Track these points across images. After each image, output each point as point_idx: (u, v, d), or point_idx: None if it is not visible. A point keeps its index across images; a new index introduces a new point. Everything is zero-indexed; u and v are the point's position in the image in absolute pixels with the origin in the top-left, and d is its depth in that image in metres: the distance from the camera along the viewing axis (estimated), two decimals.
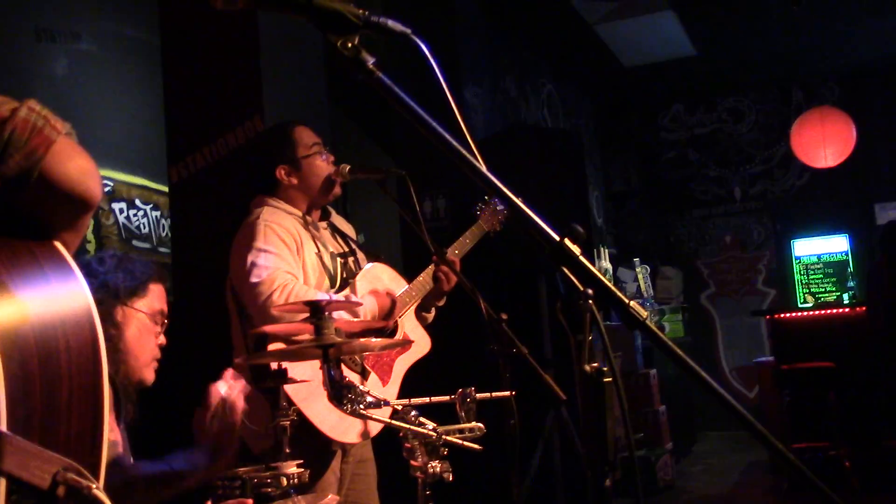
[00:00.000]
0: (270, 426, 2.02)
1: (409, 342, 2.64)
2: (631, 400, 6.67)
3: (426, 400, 2.08)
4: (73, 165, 1.02)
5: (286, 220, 2.79)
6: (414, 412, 1.98)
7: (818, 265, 8.88)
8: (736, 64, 8.97)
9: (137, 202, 5.66)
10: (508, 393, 2.32)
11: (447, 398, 2.10)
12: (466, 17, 6.23)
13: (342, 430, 2.64)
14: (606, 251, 8.27)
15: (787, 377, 6.10)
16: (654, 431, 6.72)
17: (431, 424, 1.97)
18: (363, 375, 2.80)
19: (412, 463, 1.97)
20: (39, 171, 0.98)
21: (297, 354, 2.06)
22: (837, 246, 8.87)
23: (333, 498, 2.21)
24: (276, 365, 2.07)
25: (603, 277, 1.16)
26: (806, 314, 6.75)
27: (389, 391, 2.86)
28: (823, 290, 8.69)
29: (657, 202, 10.12)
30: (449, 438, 1.97)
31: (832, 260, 8.85)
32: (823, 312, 6.71)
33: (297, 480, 1.96)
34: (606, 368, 1.13)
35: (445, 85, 1.22)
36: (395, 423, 1.95)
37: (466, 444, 2.01)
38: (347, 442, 2.70)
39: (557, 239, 1.15)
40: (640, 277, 8.31)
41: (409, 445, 1.96)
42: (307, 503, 1.93)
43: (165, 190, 4.65)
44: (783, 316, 6.83)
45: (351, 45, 1.13)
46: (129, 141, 5.61)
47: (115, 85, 5.59)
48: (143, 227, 5.68)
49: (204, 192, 4.00)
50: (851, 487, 5.67)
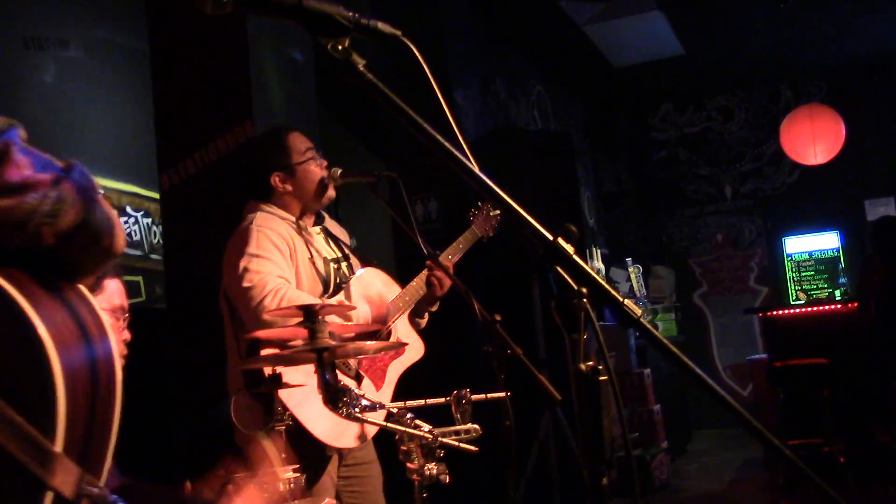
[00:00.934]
0: (264, 431, 2.01)
1: (403, 344, 2.63)
2: (626, 399, 6.68)
3: (422, 402, 2.08)
4: (106, 222, 1.16)
5: (279, 225, 2.79)
6: (409, 414, 1.98)
7: (810, 262, 8.92)
8: (724, 63, 9.00)
9: (128, 209, 5.65)
10: (504, 394, 2.32)
11: (442, 400, 2.10)
12: (455, 19, 6.24)
13: (336, 434, 2.63)
14: (598, 252, 8.28)
15: (780, 374, 6.11)
16: (649, 430, 6.73)
17: (427, 427, 1.97)
18: (357, 380, 2.80)
19: (408, 465, 1.97)
20: (86, 225, 1.12)
21: (291, 359, 2.05)
22: (828, 243, 8.91)
23: (330, 502, 2.21)
24: (270, 370, 2.07)
25: (597, 276, 1.16)
26: (798, 311, 6.77)
27: (383, 395, 2.86)
28: (815, 286, 8.72)
29: (648, 202, 10.15)
30: (445, 440, 1.97)
31: (824, 257, 8.88)
32: (816, 309, 6.73)
33: (293, 485, 1.96)
34: (601, 367, 1.13)
35: (436, 86, 1.22)
36: (390, 425, 1.95)
37: (462, 445, 2.01)
38: (341, 447, 2.69)
39: (551, 238, 1.15)
40: (632, 277, 8.33)
41: (405, 448, 1.96)
42: None
43: (156, 197, 4.64)
44: (776, 313, 6.85)
45: (341, 47, 1.13)
46: (119, 148, 5.60)
47: (104, 92, 5.57)
48: (134, 234, 5.66)
49: (196, 198, 3.99)
50: (846, 483, 5.69)
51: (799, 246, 9.02)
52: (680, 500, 6.28)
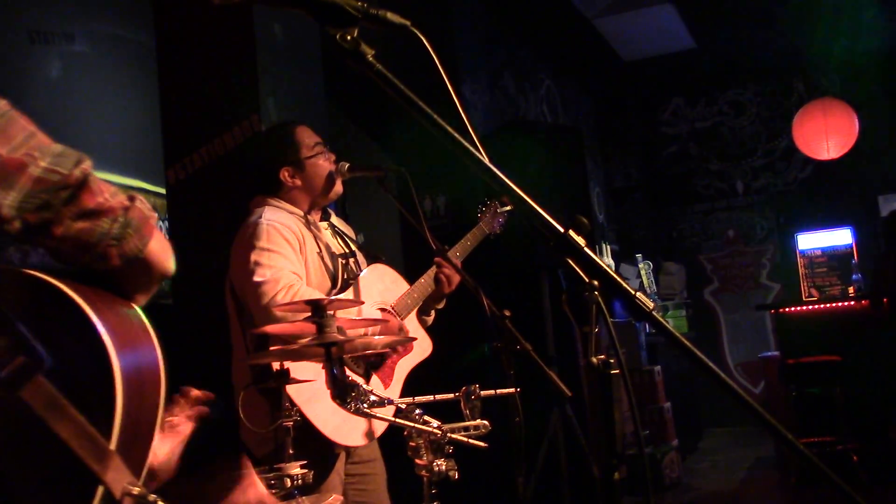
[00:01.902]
0: (272, 428, 2.02)
1: (412, 339, 2.63)
2: (636, 396, 6.65)
3: (430, 398, 2.08)
4: (162, 248, 1.29)
5: (288, 219, 2.79)
6: (418, 410, 1.98)
7: (822, 258, 8.87)
8: (736, 56, 8.96)
9: None
10: (513, 390, 2.32)
11: (451, 396, 2.10)
12: (464, 13, 6.23)
13: (345, 432, 2.63)
14: (608, 247, 8.27)
15: (792, 372, 6.09)
16: (659, 428, 6.72)
17: (436, 422, 1.97)
18: (366, 377, 2.80)
19: (417, 461, 1.97)
20: (146, 251, 1.25)
21: (299, 354, 2.05)
22: (841, 239, 8.85)
23: (337, 498, 2.21)
24: (278, 365, 2.07)
25: (608, 269, 1.15)
26: (811, 308, 6.75)
27: (392, 393, 2.85)
28: (828, 283, 8.68)
29: (659, 197, 10.12)
30: (454, 436, 1.97)
31: (836, 253, 8.84)
32: (828, 306, 6.70)
33: (300, 481, 1.96)
34: (613, 360, 1.13)
35: (446, 76, 1.22)
36: (399, 421, 1.95)
37: (471, 441, 2.01)
38: (350, 445, 2.69)
39: (562, 230, 1.15)
40: (642, 273, 8.31)
41: (413, 444, 1.96)
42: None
43: (162, 192, 4.64)
44: (788, 310, 6.83)
45: (350, 37, 1.13)
46: (124, 143, 5.61)
47: (110, 87, 5.58)
48: None
49: (202, 193, 3.99)
50: (859, 481, 5.67)
51: (811, 242, 8.96)
52: (691, 498, 6.27)
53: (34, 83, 5.12)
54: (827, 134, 8.02)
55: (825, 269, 8.81)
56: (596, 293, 1.12)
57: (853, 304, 6.59)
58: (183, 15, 4.13)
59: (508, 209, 3.24)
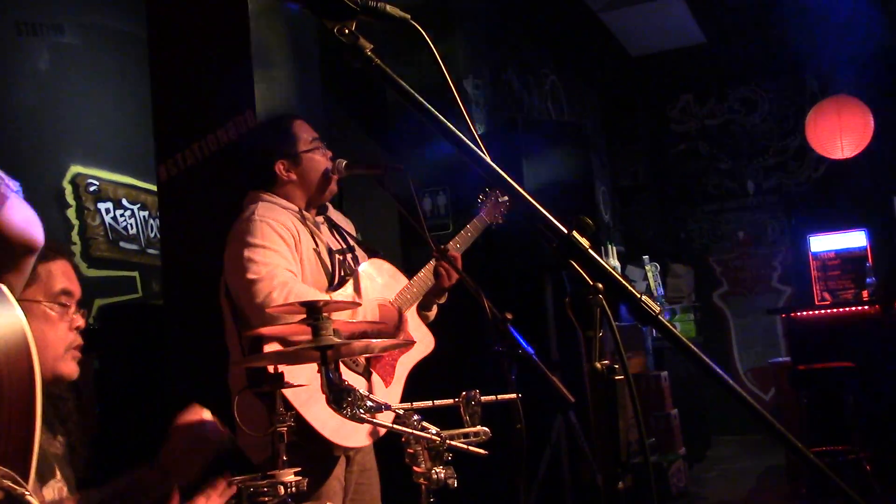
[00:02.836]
0: (269, 433, 2.02)
1: (410, 342, 2.64)
2: (642, 403, 6.65)
3: (429, 403, 2.08)
4: (20, 217, 1.23)
5: (282, 215, 2.79)
6: (417, 416, 1.98)
7: (836, 261, 8.87)
8: (748, 51, 8.96)
9: (124, 202, 5.66)
10: (514, 396, 2.32)
11: (451, 401, 2.10)
12: (465, 5, 6.23)
13: (345, 433, 2.63)
14: (614, 249, 8.26)
15: (804, 378, 6.09)
16: (666, 436, 6.72)
17: (435, 429, 1.97)
18: (366, 376, 2.80)
19: (415, 469, 1.97)
20: None
21: (294, 357, 2.06)
22: (855, 241, 8.85)
23: None
24: (272, 368, 2.07)
25: (613, 271, 1.16)
26: (823, 312, 6.75)
27: (392, 392, 2.86)
28: (841, 286, 8.67)
29: (667, 197, 10.12)
30: (453, 443, 1.97)
31: (850, 255, 8.84)
32: (842, 310, 6.70)
33: (294, 489, 1.97)
34: (618, 366, 1.13)
35: (447, 71, 1.23)
36: (397, 427, 1.95)
37: (471, 448, 2.01)
38: (351, 446, 2.70)
39: (566, 232, 1.15)
40: (649, 276, 8.31)
41: (411, 451, 1.96)
42: None
43: (154, 189, 4.65)
44: (800, 314, 6.83)
45: (348, 31, 1.13)
46: (115, 137, 5.61)
47: (100, 79, 5.58)
48: (130, 227, 5.68)
49: (194, 190, 3.99)
50: (872, 492, 5.67)
51: (824, 244, 8.96)
52: None
53: (21, 76, 5.12)
54: (841, 132, 8.02)
55: (838, 272, 8.80)
56: (600, 296, 1.12)
57: (867, 308, 6.59)
58: (176, 5, 4.13)
59: (508, 199, 3.24)
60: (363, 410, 1.87)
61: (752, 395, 9.42)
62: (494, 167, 1.15)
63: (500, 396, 2.21)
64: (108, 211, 5.53)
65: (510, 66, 7.29)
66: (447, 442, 1.95)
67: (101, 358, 4.35)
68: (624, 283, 1.15)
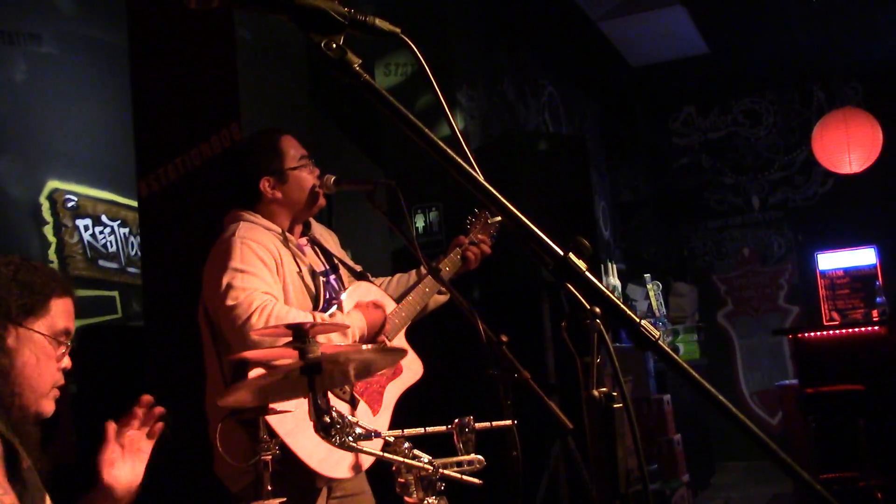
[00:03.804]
0: (251, 462, 2.01)
1: (401, 351, 2.63)
2: (643, 428, 6.65)
3: (421, 430, 2.08)
4: None
5: (264, 236, 2.79)
6: (408, 444, 1.98)
7: (844, 279, 8.89)
8: (752, 62, 9.00)
9: (104, 218, 5.66)
10: (510, 422, 2.32)
11: (444, 428, 2.10)
12: (460, 14, 6.26)
13: (331, 463, 2.63)
14: (614, 266, 8.27)
15: (812, 402, 6.09)
16: (668, 462, 6.71)
17: (427, 457, 1.96)
18: (352, 404, 2.80)
19: (406, 500, 1.97)
20: None
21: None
22: (865, 258, 8.87)
23: None
24: None
25: (611, 295, 1.16)
26: (832, 333, 6.75)
27: (380, 420, 2.86)
28: (851, 306, 8.69)
29: (669, 213, 10.14)
30: (446, 472, 1.97)
31: (859, 274, 8.86)
32: (851, 331, 6.71)
33: None
34: (616, 393, 1.13)
35: (437, 85, 1.23)
36: (387, 455, 1.95)
37: (465, 478, 2.00)
38: (337, 477, 2.69)
39: (561, 253, 1.16)
40: (651, 295, 8.31)
41: (402, 480, 1.96)
42: None
43: (134, 205, 4.65)
44: (807, 335, 6.84)
45: (336, 45, 1.14)
46: (94, 152, 5.61)
47: (79, 90, 5.59)
48: (109, 245, 5.67)
49: (176, 206, 4.00)
50: None
51: (833, 262, 8.98)
52: None
53: None
54: (849, 146, 8.05)
55: (847, 290, 8.82)
56: (597, 321, 1.13)
57: (877, 329, 6.60)
58: (158, 15, 4.14)
59: (500, 219, 3.24)
60: (352, 438, 1.87)
61: (758, 419, 9.41)
62: (487, 187, 1.16)
63: (494, 423, 2.21)
64: (86, 228, 5.52)
65: (506, 76, 7.31)
66: (440, 471, 1.95)
67: (78, 382, 4.32)
68: (622, 306, 1.15)
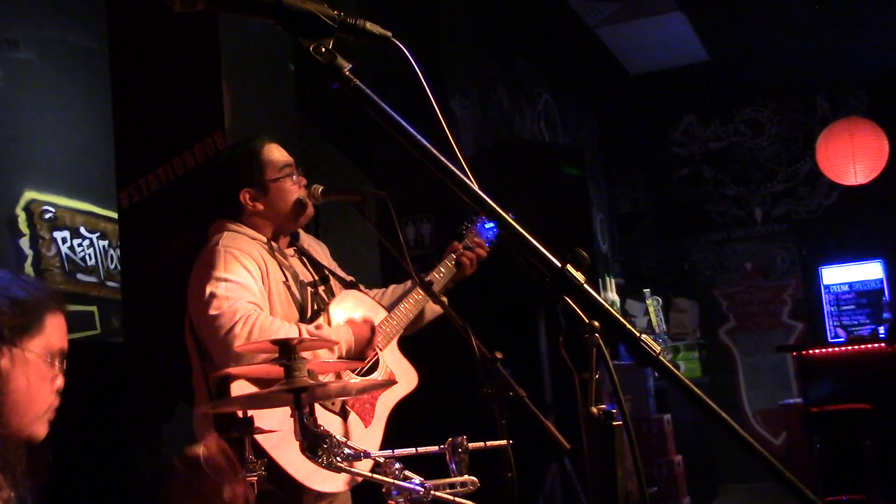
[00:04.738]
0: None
1: (391, 382, 2.63)
2: (643, 449, 6.65)
3: (412, 450, 2.07)
4: None
5: (249, 245, 2.79)
6: (398, 465, 1.97)
7: (850, 295, 8.91)
8: (754, 70, 9.04)
9: (82, 230, 5.65)
10: (505, 442, 2.32)
11: (436, 448, 2.09)
12: (453, 20, 6.27)
13: (321, 477, 2.61)
14: (613, 281, 8.28)
15: (817, 421, 6.10)
16: (669, 484, 6.70)
17: (418, 479, 1.96)
18: (343, 416, 2.79)
19: None
20: None
21: (265, 400, 2.04)
22: (871, 273, 8.91)
23: None
24: (241, 413, 2.06)
25: (611, 308, 1.16)
26: (837, 350, 6.77)
27: (372, 433, 2.85)
28: (856, 322, 8.71)
29: (669, 225, 10.16)
30: (438, 494, 1.96)
31: (865, 289, 8.88)
32: (857, 348, 6.72)
33: None
34: (616, 411, 1.13)
35: (431, 93, 1.23)
36: (377, 477, 1.94)
37: (458, 500, 2.00)
38: (328, 491, 2.68)
39: (559, 265, 1.16)
40: (650, 310, 8.32)
41: (392, 502, 1.95)
42: None
43: (114, 216, 4.64)
44: (812, 352, 6.85)
45: (325, 49, 1.14)
46: (73, 161, 5.61)
47: (57, 98, 5.59)
48: (88, 258, 5.66)
49: (158, 218, 3.99)
50: None
51: (838, 276, 9.01)
52: None
53: None
54: (854, 156, 8.08)
55: (853, 306, 8.84)
56: (596, 335, 1.12)
57: (884, 346, 6.61)
58: (140, 20, 4.14)
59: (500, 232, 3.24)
60: (340, 458, 1.86)
61: (761, 439, 9.41)
62: (483, 196, 1.16)
63: (489, 443, 2.21)
64: (64, 240, 5.51)
65: (500, 84, 7.33)
66: (432, 493, 1.94)
67: None
68: (622, 321, 1.15)
